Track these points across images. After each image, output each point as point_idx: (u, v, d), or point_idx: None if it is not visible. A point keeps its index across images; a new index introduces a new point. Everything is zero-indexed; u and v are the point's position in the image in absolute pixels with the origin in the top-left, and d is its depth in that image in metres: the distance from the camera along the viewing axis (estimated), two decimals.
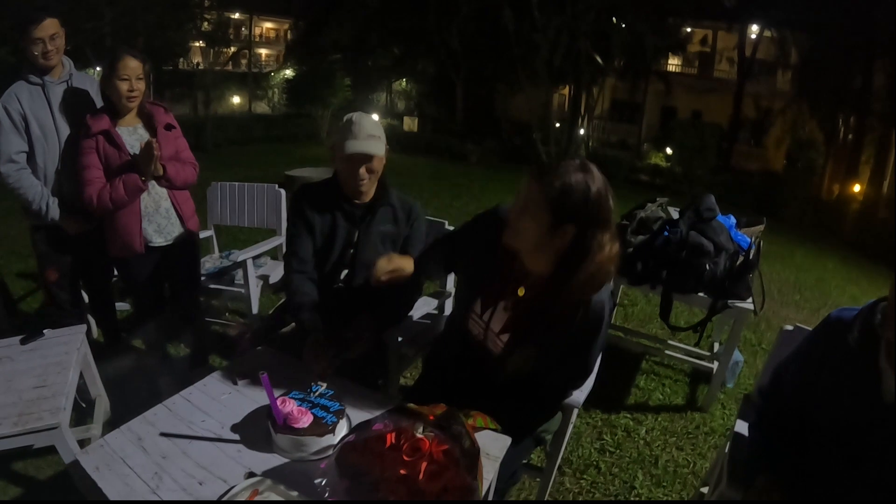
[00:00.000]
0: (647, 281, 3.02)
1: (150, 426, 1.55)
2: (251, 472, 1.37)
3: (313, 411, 1.50)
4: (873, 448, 1.29)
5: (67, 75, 2.63)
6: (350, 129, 1.97)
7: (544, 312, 1.59)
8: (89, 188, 2.45)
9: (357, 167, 1.99)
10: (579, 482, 2.53)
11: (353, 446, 1.29)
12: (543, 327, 1.61)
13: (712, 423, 3.06)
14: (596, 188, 1.44)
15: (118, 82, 2.43)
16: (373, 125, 2.01)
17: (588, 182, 1.44)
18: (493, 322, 1.71)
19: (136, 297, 2.99)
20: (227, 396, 1.70)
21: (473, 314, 1.77)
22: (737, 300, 2.90)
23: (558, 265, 1.52)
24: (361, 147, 1.96)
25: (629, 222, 3.17)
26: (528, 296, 1.64)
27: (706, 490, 2.20)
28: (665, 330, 4.05)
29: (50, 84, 2.56)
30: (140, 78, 2.47)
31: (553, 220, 1.44)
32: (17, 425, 1.80)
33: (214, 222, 3.68)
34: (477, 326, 1.77)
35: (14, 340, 2.30)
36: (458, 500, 1.21)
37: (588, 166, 1.47)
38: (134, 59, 2.44)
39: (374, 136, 1.99)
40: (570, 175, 1.43)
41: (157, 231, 2.64)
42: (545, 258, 1.54)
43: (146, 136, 2.54)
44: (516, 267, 1.63)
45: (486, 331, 1.74)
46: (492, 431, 1.55)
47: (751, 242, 3.01)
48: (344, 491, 1.26)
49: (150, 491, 1.32)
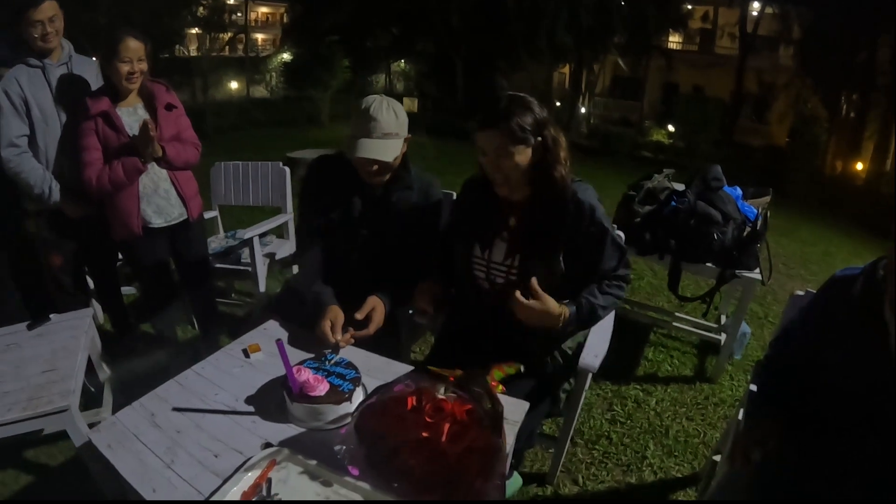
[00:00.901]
0: (656, 250, 3.01)
1: (162, 402, 1.54)
2: (268, 443, 1.36)
3: (329, 379, 1.48)
4: (879, 397, 1.31)
5: (67, 57, 2.60)
6: (365, 125, 1.85)
7: (542, 219, 1.78)
8: (88, 170, 2.43)
9: (369, 166, 1.91)
10: (591, 452, 2.54)
11: (373, 409, 1.28)
12: (545, 230, 1.78)
13: (721, 393, 3.06)
14: (531, 100, 1.71)
15: (119, 64, 2.39)
16: (391, 120, 1.87)
17: (523, 101, 1.70)
18: (493, 255, 1.88)
19: (143, 281, 2.97)
20: (240, 369, 1.69)
21: (475, 258, 1.90)
22: (744, 270, 2.89)
23: (534, 177, 1.74)
24: (372, 152, 1.85)
25: (636, 193, 3.15)
26: (520, 219, 1.83)
27: (718, 458, 2.20)
28: (672, 303, 4.08)
29: (50, 67, 2.52)
30: (141, 59, 2.44)
31: (524, 145, 1.68)
32: (26, 409, 1.79)
33: (219, 202, 3.67)
34: (480, 268, 1.91)
35: (21, 326, 2.29)
36: (482, 460, 1.21)
37: (509, 93, 1.75)
38: (135, 40, 2.40)
39: (390, 133, 1.87)
40: (511, 107, 1.67)
41: (156, 212, 2.62)
42: (524, 181, 1.76)
43: (145, 117, 2.51)
44: (501, 206, 1.84)
45: (488, 267, 1.89)
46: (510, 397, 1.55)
47: (758, 213, 2.99)
48: (363, 458, 1.25)
49: (165, 466, 1.31)
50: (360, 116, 1.86)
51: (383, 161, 1.88)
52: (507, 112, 1.65)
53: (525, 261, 1.81)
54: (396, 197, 2.03)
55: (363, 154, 1.84)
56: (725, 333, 3.26)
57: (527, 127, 1.65)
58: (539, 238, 1.78)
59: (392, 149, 1.89)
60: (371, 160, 1.87)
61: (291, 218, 3.53)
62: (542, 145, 1.70)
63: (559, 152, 1.72)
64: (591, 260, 1.79)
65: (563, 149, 1.73)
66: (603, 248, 1.78)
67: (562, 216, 1.75)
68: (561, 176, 1.73)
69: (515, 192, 1.78)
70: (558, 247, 1.77)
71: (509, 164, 1.68)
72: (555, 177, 1.72)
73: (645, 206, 3.10)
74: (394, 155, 1.90)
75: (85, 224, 2.73)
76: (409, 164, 2.05)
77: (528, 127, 1.66)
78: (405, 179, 2.04)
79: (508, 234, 1.84)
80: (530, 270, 1.76)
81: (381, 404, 1.28)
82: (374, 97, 1.89)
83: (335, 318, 1.81)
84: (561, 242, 1.77)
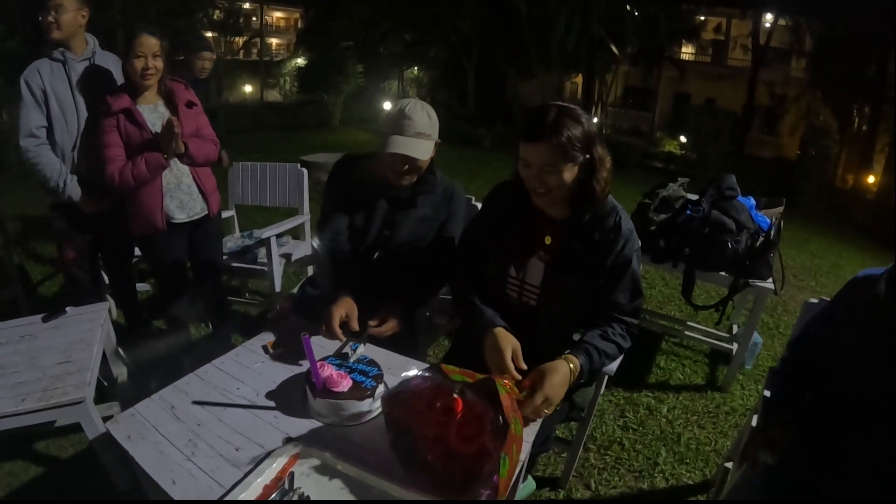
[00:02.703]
0: (670, 258, 3.01)
1: (182, 394, 1.55)
2: (289, 437, 1.38)
3: (352, 376, 1.50)
4: None
5: (91, 52, 2.64)
6: (400, 123, 1.86)
7: (579, 240, 1.70)
8: (111, 166, 2.45)
9: (400, 165, 1.91)
10: (604, 458, 2.54)
11: (396, 399, 1.30)
12: (582, 255, 1.70)
13: (732, 402, 3.06)
14: (581, 113, 1.61)
15: (134, 60, 2.42)
16: (425, 121, 1.89)
17: (574, 114, 1.59)
18: (528, 277, 1.79)
19: (160, 276, 3.00)
20: (261, 364, 1.71)
21: (510, 278, 1.81)
22: (757, 279, 2.89)
23: (574, 195, 1.66)
24: (405, 148, 1.85)
25: (651, 201, 3.16)
26: (557, 239, 1.74)
27: (730, 465, 2.20)
28: (683, 312, 4.07)
29: (72, 61, 2.57)
30: (157, 55, 2.45)
31: (573, 162, 1.59)
32: (41, 400, 1.79)
33: (236, 202, 3.69)
34: (514, 289, 1.82)
35: (36, 318, 2.30)
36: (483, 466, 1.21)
37: (558, 104, 1.62)
38: (151, 36, 2.42)
39: (423, 133, 1.88)
40: (563, 119, 1.56)
41: (179, 207, 2.65)
42: (564, 198, 1.67)
43: (167, 114, 2.54)
44: (537, 221, 1.76)
45: (521, 288, 1.81)
46: None
47: (771, 223, 2.99)
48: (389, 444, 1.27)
49: (185, 458, 1.32)
50: (395, 115, 1.88)
51: (414, 159, 1.88)
52: (557, 124, 1.55)
53: (558, 284, 1.74)
54: (421, 200, 2.04)
55: (397, 150, 1.85)
56: (737, 343, 3.26)
57: (577, 143, 1.56)
58: (576, 262, 1.71)
59: (424, 149, 1.90)
60: (403, 157, 1.87)
61: (308, 219, 3.55)
62: (590, 163, 1.62)
63: (603, 174, 1.64)
64: (604, 290, 1.72)
65: (607, 170, 1.64)
66: (620, 281, 1.71)
67: (600, 242, 1.69)
68: (602, 197, 1.66)
69: (554, 207, 1.71)
70: (596, 273, 1.71)
71: (554, 180, 1.59)
72: (597, 197, 1.65)
73: (660, 214, 3.11)
74: (426, 154, 1.91)
75: (100, 219, 2.76)
76: (435, 170, 2.05)
77: (578, 143, 1.57)
78: (431, 183, 2.05)
79: (545, 255, 1.76)
80: (562, 294, 1.74)
81: (404, 396, 1.29)
82: (410, 99, 1.93)
83: (350, 311, 1.80)
84: (597, 268, 1.70)
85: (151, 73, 2.47)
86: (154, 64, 2.45)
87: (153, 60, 2.45)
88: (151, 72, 2.46)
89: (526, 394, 1.49)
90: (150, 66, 2.44)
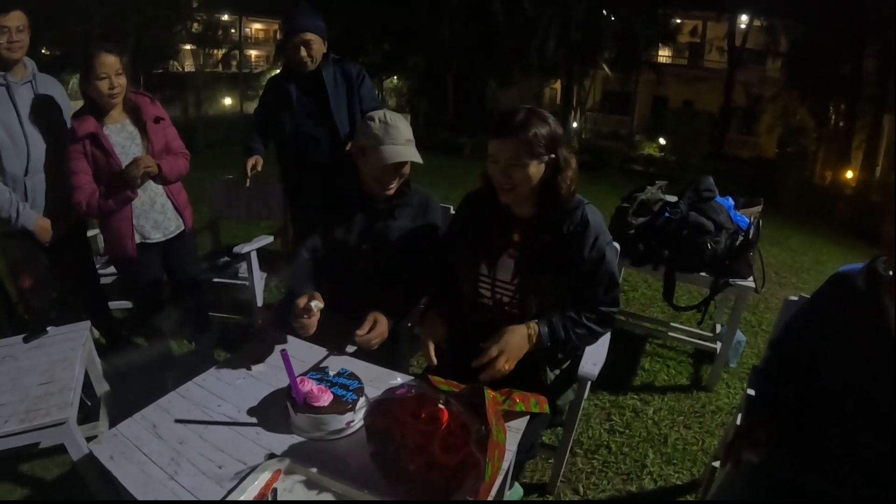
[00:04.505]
0: (650, 261, 3.04)
1: (164, 413, 1.54)
2: (272, 454, 1.37)
3: (332, 390, 1.50)
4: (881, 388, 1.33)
5: (31, 76, 2.53)
6: (387, 133, 1.87)
7: (546, 234, 1.76)
8: (78, 194, 2.40)
9: (392, 174, 1.93)
10: (591, 462, 2.54)
11: (379, 409, 1.30)
12: (551, 250, 1.75)
13: (718, 401, 3.08)
14: (549, 116, 1.70)
15: (97, 82, 2.35)
16: (407, 128, 1.92)
17: (542, 115, 1.68)
18: (499, 273, 1.85)
19: (138, 295, 2.94)
20: (242, 381, 1.70)
21: (481, 276, 1.88)
22: (738, 279, 2.92)
23: (540, 194, 1.74)
24: (404, 155, 1.88)
25: (629, 205, 3.18)
26: (525, 235, 1.82)
27: (717, 464, 2.21)
28: (666, 313, 4.10)
29: (14, 85, 2.45)
30: (119, 73, 2.39)
31: (538, 159, 1.67)
32: (24, 422, 1.75)
33: (216, 216, 3.67)
34: (486, 287, 1.89)
35: (17, 339, 2.26)
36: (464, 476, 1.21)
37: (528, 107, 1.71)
38: (109, 54, 2.35)
39: (411, 140, 1.92)
40: (530, 119, 1.65)
41: (154, 227, 2.62)
42: (530, 196, 1.75)
43: (135, 133, 2.51)
44: (505, 221, 1.84)
45: (493, 285, 1.87)
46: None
47: (750, 222, 3.03)
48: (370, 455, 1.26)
49: (168, 477, 1.31)
50: (378, 128, 1.88)
51: (408, 165, 1.93)
52: (525, 122, 1.64)
53: (530, 280, 1.79)
54: (398, 212, 2.05)
55: (397, 158, 1.87)
56: (720, 342, 3.28)
57: (542, 141, 1.64)
58: (545, 257, 1.76)
59: (416, 153, 1.93)
60: (400, 164, 1.91)
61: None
62: (554, 163, 1.69)
63: (569, 173, 1.72)
64: (579, 284, 1.77)
65: (572, 170, 1.73)
66: (595, 276, 1.76)
67: (568, 236, 1.74)
68: (568, 196, 1.73)
69: (520, 204, 1.78)
70: (565, 267, 1.75)
71: (520, 175, 1.67)
72: (562, 196, 1.72)
73: (638, 217, 3.13)
74: (420, 158, 1.94)
75: (57, 246, 2.67)
76: (408, 180, 2.07)
77: (543, 141, 1.65)
78: (406, 195, 2.06)
79: (515, 252, 1.82)
80: (535, 290, 1.78)
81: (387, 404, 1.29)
82: (381, 110, 1.93)
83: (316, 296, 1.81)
84: (567, 263, 1.75)
85: (117, 92, 2.41)
86: (118, 82, 2.39)
87: (117, 79, 2.38)
88: (117, 90, 2.40)
89: (508, 403, 1.50)
90: (115, 85, 2.38)
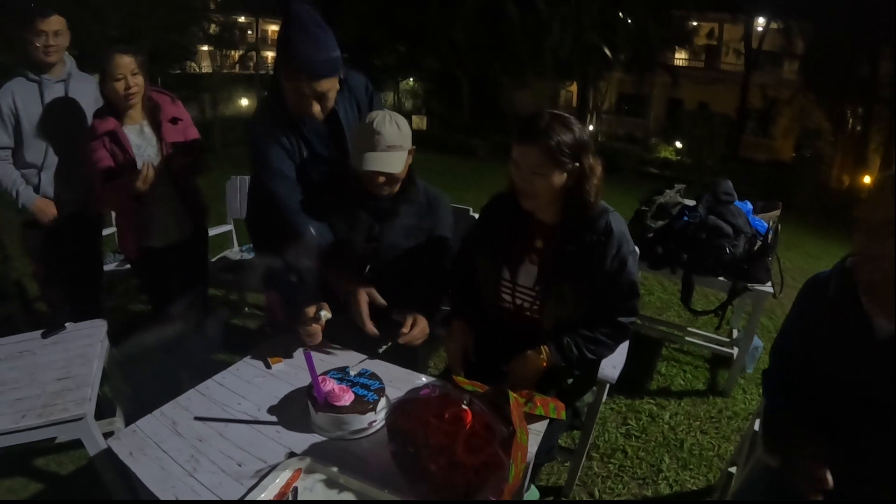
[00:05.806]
0: (668, 264, 3.02)
1: (183, 410, 1.55)
2: (292, 452, 1.37)
3: (354, 390, 1.50)
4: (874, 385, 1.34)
5: (66, 74, 2.60)
6: (371, 139, 1.84)
7: (570, 242, 1.72)
8: (95, 187, 2.45)
9: (374, 179, 1.90)
10: (607, 466, 2.54)
11: (402, 408, 1.30)
12: (573, 259, 1.72)
13: (734, 407, 3.06)
14: (574, 122, 1.64)
15: (114, 84, 2.35)
16: (395, 133, 1.86)
17: (566, 121, 1.63)
18: (520, 278, 1.83)
19: (150, 295, 2.96)
20: (262, 380, 1.71)
21: (503, 281, 1.85)
22: (756, 283, 2.90)
23: (565, 201, 1.70)
24: (378, 164, 1.85)
25: (648, 208, 3.17)
26: (548, 242, 1.78)
27: (734, 470, 2.20)
28: (683, 317, 4.07)
29: (47, 82, 2.53)
30: (135, 73, 2.39)
31: (561, 168, 1.62)
32: (41, 416, 1.76)
33: (234, 216, 3.68)
34: (507, 292, 1.86)
35: (35, 334, 2.27)
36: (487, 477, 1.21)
37: (554, 111, 1.66)
38: (124, 55, 2.36)
39: (394, 146, 1.86)
40: (555, 125, 1.60)
41: (162, 231, 2.62)
42: (555, 203, 1.71)
43: (151, 135, 2.52)
44: (529, 226, 1.80)
45: (514, 290, 1.84)
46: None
47: (768, 226, 3.01)
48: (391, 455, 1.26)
49: (187, 474, 1.32)
50: (365, 131, 1.86)
51: (390, 173, 1.89)
52: (548, 129, 1.59)
53: (552, 288, 1.76)
54: (404, 210, 2.03)
55: (370, 167, 1.85)
56: (737, 347, 3.26)
57: (566, 149, 1.59)
58: (567, 266, 1.73)
59: (397, 161, 1.89)
60: (378, 172, 1.88)
61: None
62: (579, 171, 1.64)
63: (594, 181, 1.66)
64: (599, 292, 1.74)
65: (597, 178, 1.67)
66: (616, 283, 1.73)
67: (591, 245, 1.70)
68: (592, 204, 1.69)
69: (543, 210, 1.74)
70: (586, 276, 1.72)
71: (541, 183, 1.63)
72: (586, 203, 1.68)
73: (657, 220, 3.11)
74: (399, 167, 1.90)
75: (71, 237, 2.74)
76: (415, 178, 2.06)
77: (568, 149, 1.60)
78: (412, 192, 2.05)
79: (536, 258, 1.80)
80: (556, 297, 1.75)
81: (410, 405, 1.29)
82: (378, 112, 1.91)
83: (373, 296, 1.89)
84: (588, 272, 1.72)
85: (134, 92, 2.41)
86: (135, 82, 2.40)
87: (133, 79, 2.39)
88: (134, 90, 2.40)
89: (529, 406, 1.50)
90: (131, 86, 2.39)
